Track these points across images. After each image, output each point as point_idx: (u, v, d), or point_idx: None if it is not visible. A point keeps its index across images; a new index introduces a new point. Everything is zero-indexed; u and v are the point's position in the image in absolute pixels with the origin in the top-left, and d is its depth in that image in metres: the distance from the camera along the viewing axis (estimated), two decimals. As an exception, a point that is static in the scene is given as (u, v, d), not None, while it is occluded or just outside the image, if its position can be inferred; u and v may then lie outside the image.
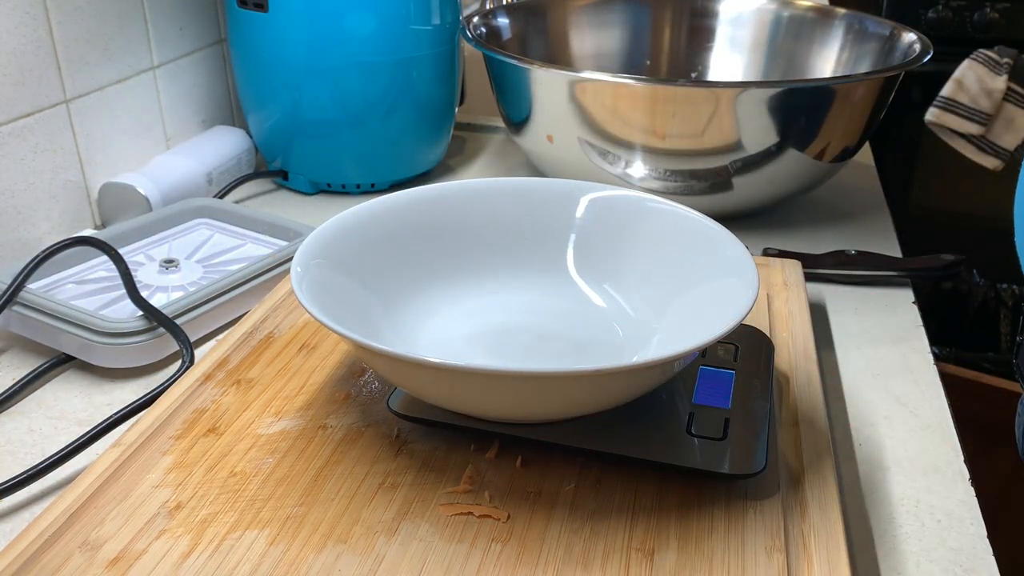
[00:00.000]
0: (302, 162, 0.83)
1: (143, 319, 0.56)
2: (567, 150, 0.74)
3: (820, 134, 0.70)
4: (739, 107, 0.67)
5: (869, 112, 0.73)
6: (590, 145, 0.71)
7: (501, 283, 0.54)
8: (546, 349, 0.50)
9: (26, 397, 0.54)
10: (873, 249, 0.72)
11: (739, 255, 0.46)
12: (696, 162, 0.70)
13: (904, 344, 0.61)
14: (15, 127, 0.66)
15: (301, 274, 0.44)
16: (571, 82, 0.70)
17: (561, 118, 0.72)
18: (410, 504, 0.41)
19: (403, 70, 0.78)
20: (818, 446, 0.45)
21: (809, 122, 0.69)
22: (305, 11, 0.75)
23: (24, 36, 0.65)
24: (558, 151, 0.75)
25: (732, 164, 0.70)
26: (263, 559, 0.37)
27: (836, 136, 0.71)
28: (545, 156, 0.77)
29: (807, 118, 0.69)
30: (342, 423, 0.46)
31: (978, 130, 0.97)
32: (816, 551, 0.38)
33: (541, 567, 0.37)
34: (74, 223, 0.73)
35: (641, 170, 0.71)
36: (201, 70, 0.86)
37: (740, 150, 0.69)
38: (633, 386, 0.41)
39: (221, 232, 0.72)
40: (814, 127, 0.70)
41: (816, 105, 0.69)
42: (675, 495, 0.41)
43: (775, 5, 0.92)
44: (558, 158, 0.76)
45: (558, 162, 0.76)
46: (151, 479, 0.42)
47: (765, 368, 0.48)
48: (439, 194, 0.54)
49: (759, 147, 0.69)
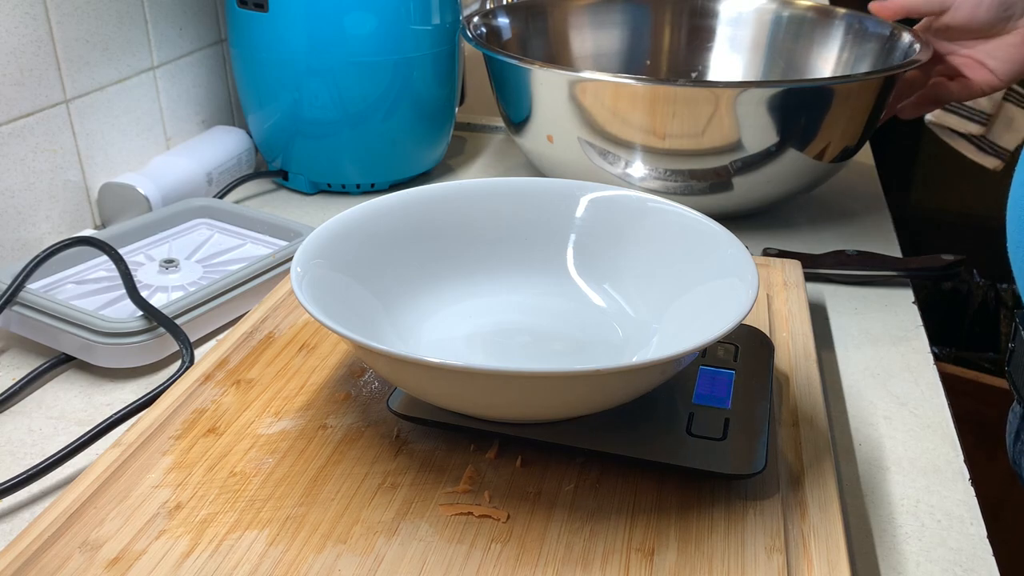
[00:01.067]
0: (302, 162, 0.83)
1: (143, 319, 0.56)
2: (567, 150, 0.74)
3: (820, 134, 0.70)
4: (739, 107, 0.67)
5: (869, 112, 0.73)
6: (590, 145, 0.71)
7: (501, 283, 0.54)
8: (546, 349, 0.50)
9: (26, 397, 0.54)
10: (873, 249, 0.72)
11: (739, 255, 0.46)
12: (696, 162, 0.70)
13: (904, 344, 0.61)
14: (15, 127, 0.66)
15: (301, 274, 0.44)
16: (571, 82, 0.70)
17: (561, 118, 0.72)
18: (410, 504, 0.41)
19: (403, 70, 0.78)
20: (818, 446, 0.45)
21: (809, 122, 0.69)
22: (305, 11, 0.75)
23: (24, 36, 0.65)
24: (558, 151, 0.75)
25: (732, 164, 0.70)
26: (263, 559, 0.37)
27: (836, 136, 0.71)
28: (545, 156, 0.77)
29: (807, 118, 0.69)
30: (342, 423, 0.46)
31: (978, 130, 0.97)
32: (816, 551, 0.38)
33: (541, 567, 0.37)
34: (74, 223, 0.73)
35: (641, 170, 0.71)
36: (201, 70, 0.86)
37: (740, 150, 0.69)
38: (633, 386, 0.41)
39: (221, 232, 0.72)
40: (814, 127, 0.70)
41: (816, 105, 0.69)
42: (675, 495, 0.41)
43: (775, 5, 0.92)
44: (558, 158, 0.76)
45: (558, 162, 0.76)
46: (151, 479, 0.42)
47: (765, 368, 0.48)
48: (439, 194, 0.54)
49: (759, 147, 0.69)
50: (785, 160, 0.71)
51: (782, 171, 0.72)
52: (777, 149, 0.70)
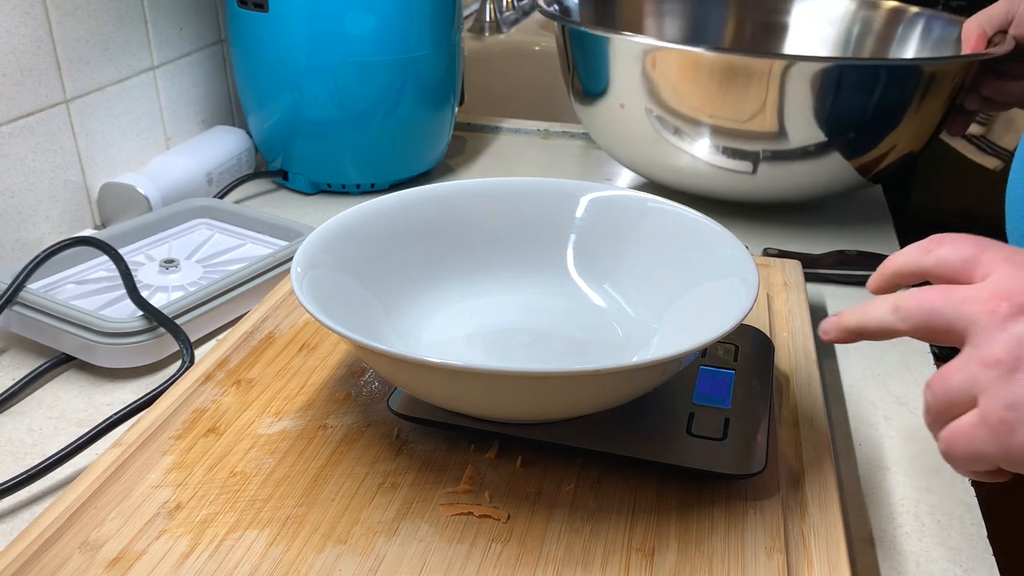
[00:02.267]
0: (302, 162, 0.83)
1: (143, 319, 0.55)
2: (636, 121, 0.75)
3: (905, 118, 0.71)
4: (801, 84, 0.67)
5: (944, 106, 0.73)
6: (656, 118, 0.74)
7: (501, 283, 0.54)
8: (546, 349, 0.50)
9: (26, 397, 0.54)
10: (873, 249, 0.72)
11: (739, 255, 0.46)
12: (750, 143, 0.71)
13: (904, 344, 0.61)
14: (15, 127, 0.66)
15: (301, 274, 0.44)
16: (644, 51, 0.71)
17: (633, 89, 0.74)
18: (410, 504, 0.41)
19: (403, 70, 0.78)
20: (818, 446, 0.45)
21: (895, 105, 0.70)
22: (305, 11, 0.74)
23: (24, 36, 0.65)
24: (628, 119, 0.76)
25: (763, 152, 0.70)
26: (263, 559, 0.37)
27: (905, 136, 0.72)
28: (616, 122, 0.78)
29: (893, 100, 0.69)
30: (342, 423, 0.46)
31: (978, 130, 0.97)
32: (816, 551, 0.38)
33: (541, 567, 0.37)
34: (74, 223, 0.73)
35: (705, 147, 0.73)
36: (201, 70, 0.86)
37: (804, 131, 0.69)
38: (633, 386, 0.41)
39: (221, 232, 0.72)
40: (899, 112, 0.70)
41: (904, 85, 0.69)
42: (675, 495, 0.41)
43: (849, 2, 0.92)
44: (628, 127, 0.77)
45: (625, 131, 0.78)
46: (151, 479, 0.42)
47: (765, 368, 0.48)
48: (439, 194, 0.54)
49: (807, 139, 0.70)
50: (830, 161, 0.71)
51: (826, 169, 0.72)
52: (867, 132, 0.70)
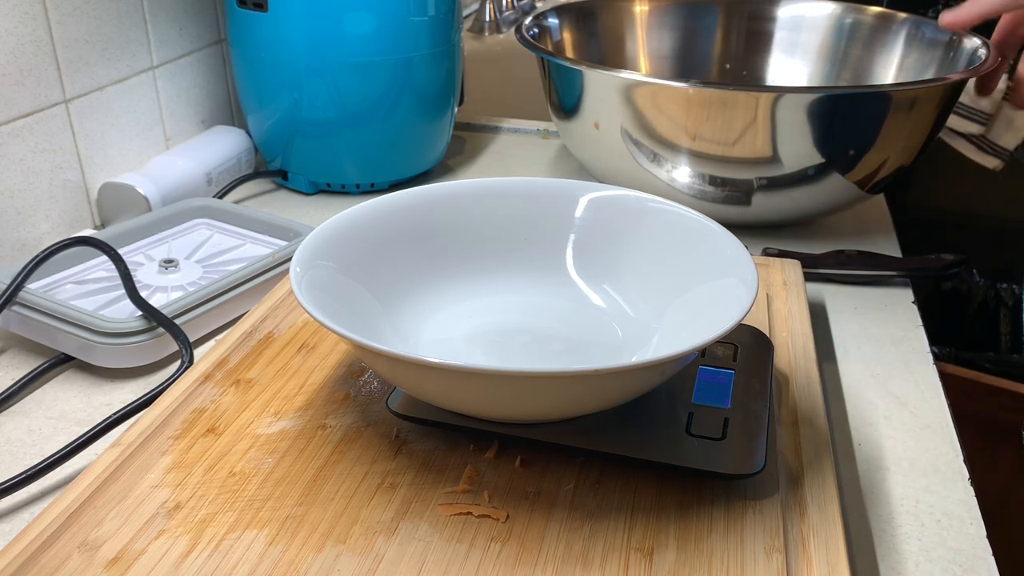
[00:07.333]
0: (302, 162, 0.83)
1: (143, 319, 0.55)
2: (612, 139, 0.74)
3: (876, 144, 0.69)
4: (779, 111, 0.66)
5: (931, 125, 0.72)
6: (632, 140, 0.73)
7: (501, 283, 0.54)
8: (546, 349, 0.50)
9: (26, 397, 0.54)
10: (873, 249, 0.72)
11: (739, 255, 0.46)
12: (731, 170, 0.70)
13: (904, 344, 0.61)
14: (15, 127, 0.66)
15: (300, 274, 0.44)
16: (624, 86, 0.70)
17: (607, 111, 0.73)
18: (409, 504, 0.41)
19: (403, 70, 0.78)
20: (818, 446, 0.45)
21: (866, 131, 0.69)
22: (305, 11, 0.75)
23: (24, 36, 0.65)
24: (603, 138, 0.75)
25: (757, 180, 0.70)
26: (262, 559, 0.37)
27: (895, 149, 0.71)
28: (590, 141, 0.78)
29: (863, 127, 0.68)
30: (341, 423, 0.46)
31: (978, 130, 0.97)
32: (816, 551, 0.38)
33: (540, 567, 0.37)
34: (74, 223, 0.73)
35: (685, 174, 0.72)
36: (201, 70, 0.86)
37: (777, 163, 0.68)
38: (633, 386, 0.41)
39: (221, 232, 0.72)
40: (871, 137, 0.69)
41: (872, 114, 0.68)
42: (674, 495, 0.41)
43: (832, 9, 0.91)
44: (603, 146, 0.76)
45: (603, 150, 0.77)
46: (150, 479, 0.42)
47: (765, 368, 0.48)
48: (439, 194, 0.54)
49: (798, 164, 0.69)
50: (829, 181, 0.70)
51: (825, 189, 0.71)
52: (821, 168, 0.69)
